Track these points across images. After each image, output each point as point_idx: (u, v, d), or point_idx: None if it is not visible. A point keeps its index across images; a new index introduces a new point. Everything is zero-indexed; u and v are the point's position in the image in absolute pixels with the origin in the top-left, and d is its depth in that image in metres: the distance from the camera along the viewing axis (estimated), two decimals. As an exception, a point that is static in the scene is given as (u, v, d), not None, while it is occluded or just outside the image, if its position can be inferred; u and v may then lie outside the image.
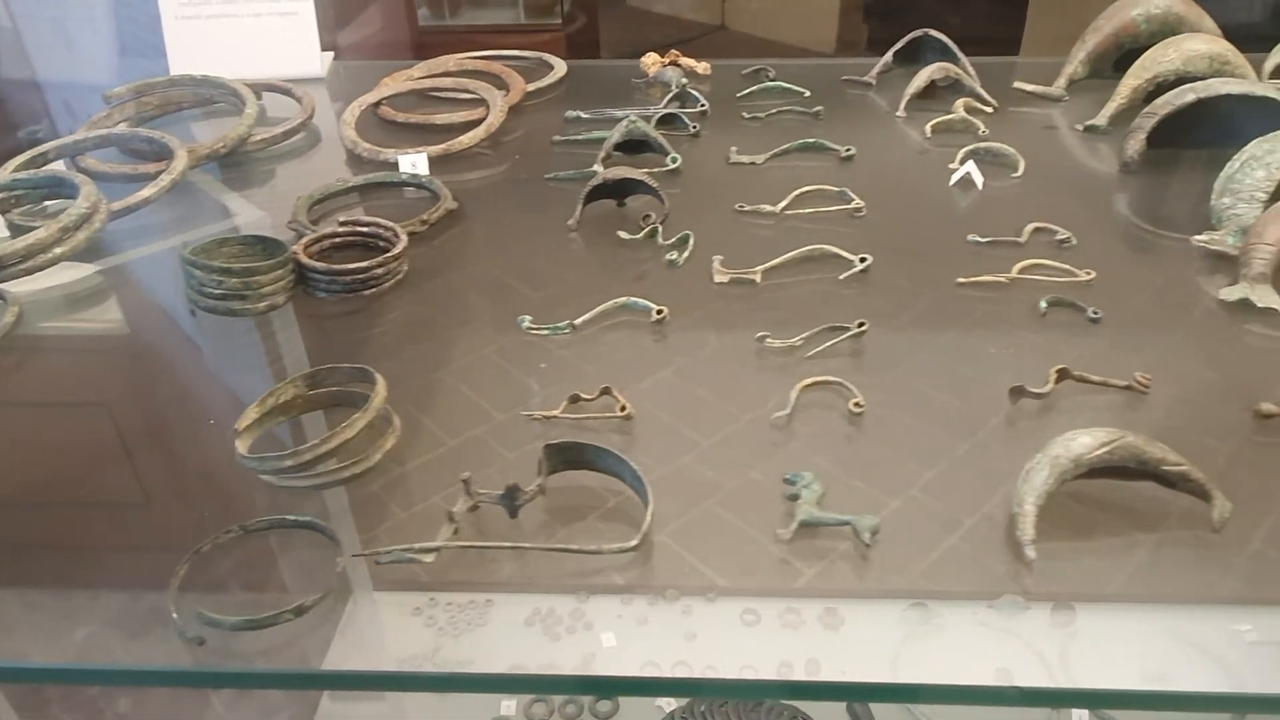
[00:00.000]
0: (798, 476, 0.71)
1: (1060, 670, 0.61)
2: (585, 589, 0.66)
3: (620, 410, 0.79)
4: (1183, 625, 0.64)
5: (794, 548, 0.69)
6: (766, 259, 1.02)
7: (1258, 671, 0.62)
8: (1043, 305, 0.93)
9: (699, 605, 0.65)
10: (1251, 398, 0.81)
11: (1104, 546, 0.68)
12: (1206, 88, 1.18)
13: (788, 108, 1.42)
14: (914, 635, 0.64)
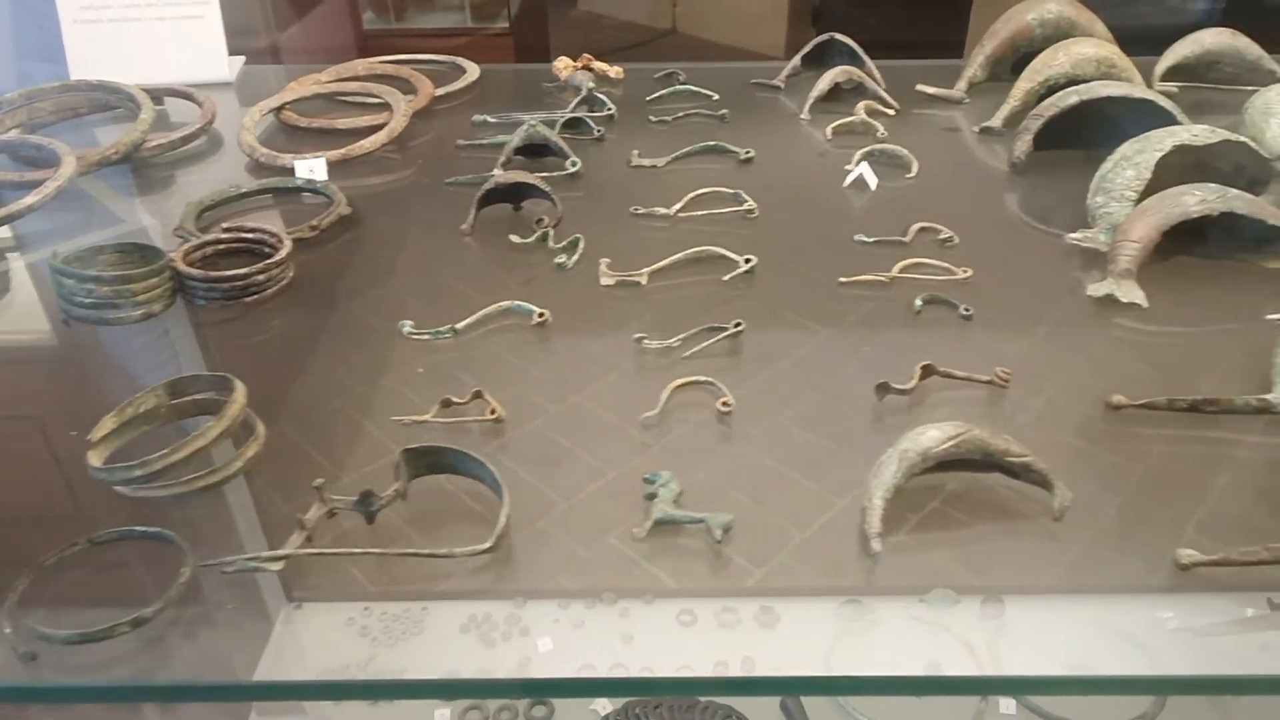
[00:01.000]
0: (656, 476, 0.72)
1: (988, 660, 0.63)
2: (522, 594, 0.66)
3: (490, 414, 0.79)
4: (1108, 615, 0.66)
5: (650, 545, 0.69)
6: (659, 261, 1.03)
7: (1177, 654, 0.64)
8: (917, 303, 0.95)
9: (637, 608, 0.66)
10: (1113, 390, 0.83)
11: (952, 538, 0.70)
12: (1089, 90, 1.22)
13: (694, 111, 1.44)
14: (848, 631, 0.65)
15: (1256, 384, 0.84)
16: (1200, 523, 0.71)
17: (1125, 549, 0.69)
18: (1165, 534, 0.70)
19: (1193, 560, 0.64)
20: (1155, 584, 0.66)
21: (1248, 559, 0.63)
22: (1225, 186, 0.99)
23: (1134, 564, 0.68)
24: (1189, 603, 0.66)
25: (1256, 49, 1.50)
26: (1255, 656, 0.64)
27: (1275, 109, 1.24)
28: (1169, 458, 0.78)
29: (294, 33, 2.71)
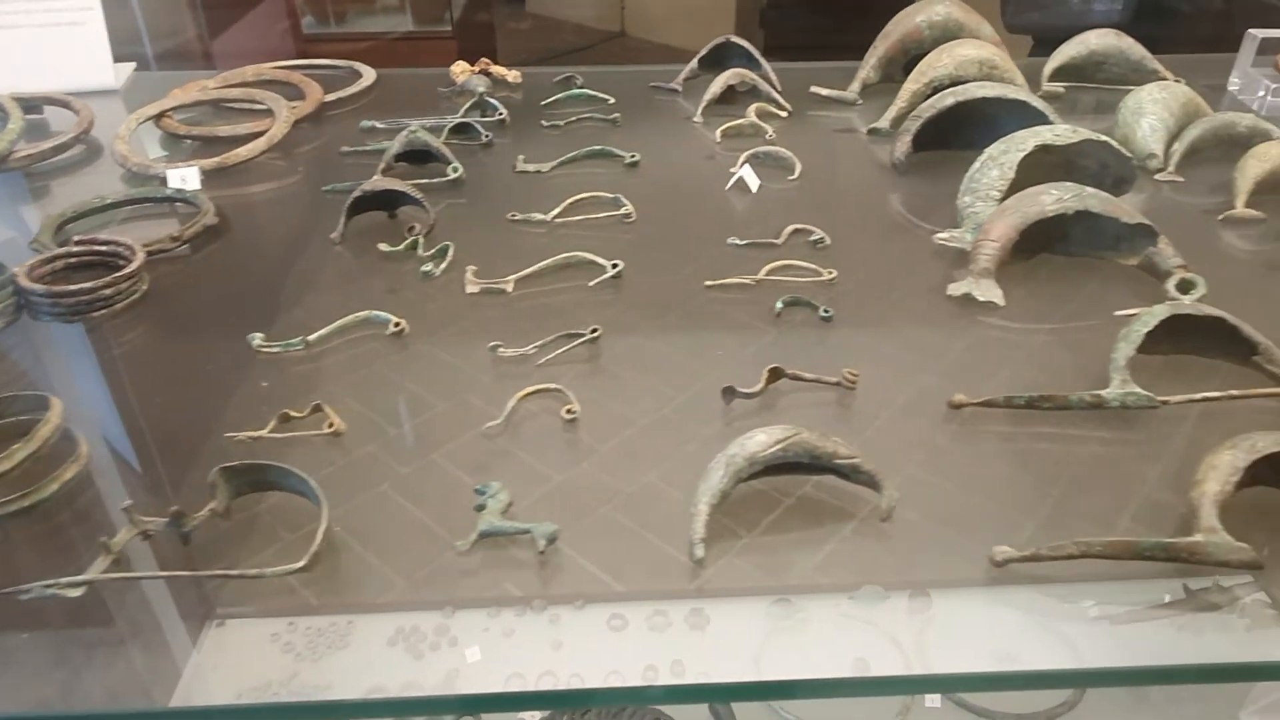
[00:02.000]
0: (486, 487, 0.71)
1: (915, 655, 0.63)
2: (451, 604, 0.65)
3: (329, 427, 0.78)
4: (1038, 603, 0.66)
5: (481, 555, 0.68)
6: (530, 267, 1.02)
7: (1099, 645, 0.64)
8: (778, 306, 0.95)
9: (567, 614, 0.65)
10: (964, 388, 0.84)
11: (783, 541, 0.70)
12: (965, 91, 1.23)
13: (588, 115, 1.43)
14: (777, 631, 0.64)
15: (1104, 379, 0.85)
16: (1030, 517, 0.72)
17: (953, 545, 0.70)
18: (995, 528, 0.71)
19: (1006, 557, 0.65)
20: (976, 579, 0.67)
21: (1057, 554, 0.64)
22: (1082, 186, 1.00)
23: (955, 560, 0.68)
24: (1109, 591, 0.67)
25: (1140, 49, 1.54)
26: (1177, 643, 0.65)
27: (1145, 109, 1.27)
28: (1005, 454, 0.79)
29: (228, 38, 2.65)
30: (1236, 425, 0.80)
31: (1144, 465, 0.77)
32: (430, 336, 0.93)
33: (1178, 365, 0.88)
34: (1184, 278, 0.95)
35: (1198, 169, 1.25)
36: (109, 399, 0.84)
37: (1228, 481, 0.67)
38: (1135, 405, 0.80)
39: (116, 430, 0.81)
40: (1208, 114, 1.29)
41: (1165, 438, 0.80)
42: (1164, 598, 0.67)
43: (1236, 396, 0.80)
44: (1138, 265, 1.01)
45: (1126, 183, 1.14)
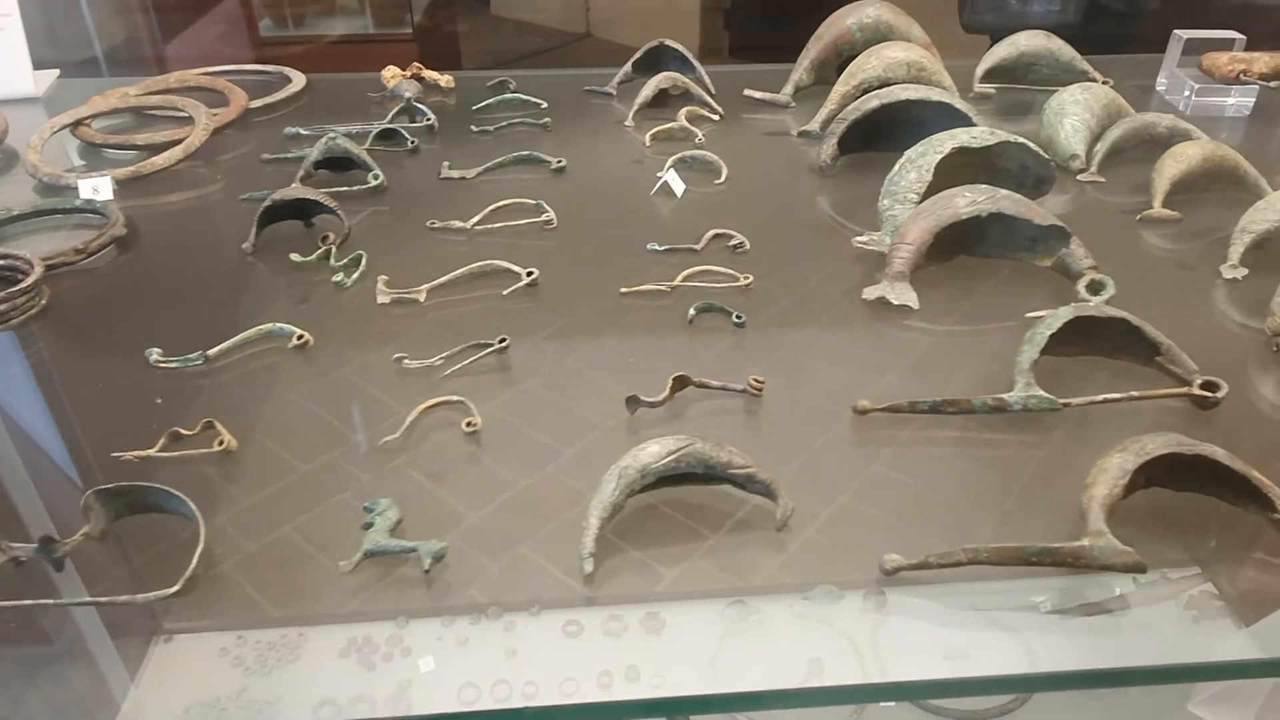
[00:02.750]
0: (374, 504, 0.69)
1: (869, 654, 0.62)
2: (404, 614, 0.64)
3: (219, 444, 0.76)
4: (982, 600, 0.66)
5: (373, 571, 0.67)
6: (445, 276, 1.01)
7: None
8: (691, 312, 0.95)
9: (522, 620, 0.64)
10: (874, 393, 0.84)
11: (678, 551, 0.69)
12: (889, 94, 1.23)
13: (519, 120, 1.42)
14: (733, 633, 0.64)
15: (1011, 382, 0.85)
16: (932, 521, 0.72)
17: (853, 550, 0.69)
18: (897, 533, 0.70)
19: (895, 565, 0.64)
20: (870, 583, 0.66)
21: (945, 561, 0.64)
22: (995, 188, 1.01)
23: (855, 566, 0.68)
24: (1058, 586, 0.67)
25: (1070, 51, 1.55)
26: (1128, 641, 0.65)
27: (1068, 110, 1.28)
28: (908, 459, 0.78)
29: (183, 42, 2.60)
30: (1139, 426, 0.80)
31: (1046, 468, 0.77)
32: (336, 349, 0.91)
33: (1086, 366, 0.88)
34: (1093, 279, 0.96)
35: (1120, 169, 1.26)
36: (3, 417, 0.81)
37: (1115, 485, 0.67)
38: (1037, 408, 0.80)
39: (3, 452, 0.78)
40: (1129, 114, 1.30)
41: (1068, 440, 0.80)
42: (1115, 591, 0.67)
43: (1137, 398, 0.81)
44: (1051, 266, 1.02)
45: (1046, 183, 1.15)
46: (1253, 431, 0.82)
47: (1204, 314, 0.98)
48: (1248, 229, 1.02)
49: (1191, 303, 1.00)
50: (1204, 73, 1.48)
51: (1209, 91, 1.47)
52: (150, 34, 2.62)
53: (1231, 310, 0.99)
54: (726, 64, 1.60)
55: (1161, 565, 0.67)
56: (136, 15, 2.60)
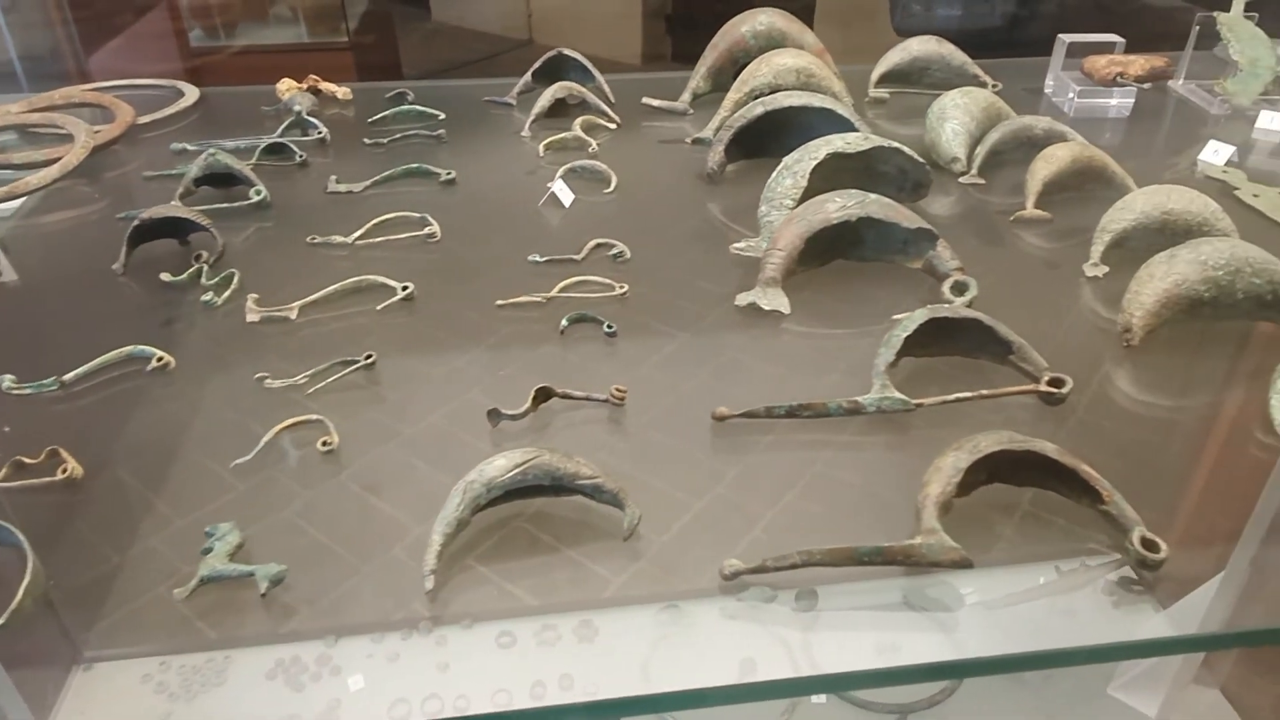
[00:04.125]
0: (215, 529, 0.68)
1: (801, 653, 0.63)
2: (333, 633, 0.63)
3: (63, 473, 0.74)
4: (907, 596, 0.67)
5: (209, 597, 0.66)
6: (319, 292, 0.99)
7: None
8: (563, 323, 0.95)
9: (455, 634, 0.64)
10: (744, 398, 0.85)
11: (524, 565, 0.69)
12: (774, 101, 1.25)
13: (413, 132, 1.41)
14: (665, 637, 0.64)
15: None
16: (786, 524, 0.73)
17: (706, 556, 0.70)
18: (751, 538, 0.71)
19: (735, 570, 0.65)
20: (728, 589, 0.67)
21: (781, 564, 0.65)
22: (865, 192, 1.03)
23: (705, 574, 0.69)
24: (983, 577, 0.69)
25: (961, 55, 1.59)
26: (1052, 625, 0.67)
27: (948, 114, 1.32)
28: (765, 464, 0.79)
29: (108, 55, 2.53)
30: (994, 424, 0.83)
31: (900, 467, 0.79)
32: (200, 370, 0.90)
33: (948, 366, 0.90)
34: (957, 280, 0.99)
35: (1000, 171, 1.30)
36: None
37: (949, 483, 0.68)
38: (891, 409, 0.82)
39: None
40: (1009, 117, 1.34)
41: (923, 440, 0.82)
42: (1039, 580, 0.69)
43: (986, 396, 0.83)
44: (921, 268, 1.04)
45: (924, 186, 1.18)
46: (1104, 424, 0.85)
47: (1067, 311, 1.02)
48: (1107, 228, 1.06)
49: (1056, 301, 1.03)
50: (1085, 75, 1.53)
51: (1090, 93, 1.52)
52: (72, 46, 2.55)
53: (1092, 307, 1.02)
54: (669, 70, 1.62)
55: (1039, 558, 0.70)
56: (58, 28, 2.53)
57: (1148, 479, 0.79)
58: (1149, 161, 1.41)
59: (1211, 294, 0.90)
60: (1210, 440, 0.84)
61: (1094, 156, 1.19)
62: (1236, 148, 1.33)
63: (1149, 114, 1.55)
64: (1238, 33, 1.51)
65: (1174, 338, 0.93)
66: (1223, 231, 1.02)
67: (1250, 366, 0.88)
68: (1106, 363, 0.93)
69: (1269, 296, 0.90)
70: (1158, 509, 0.74)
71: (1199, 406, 0.88)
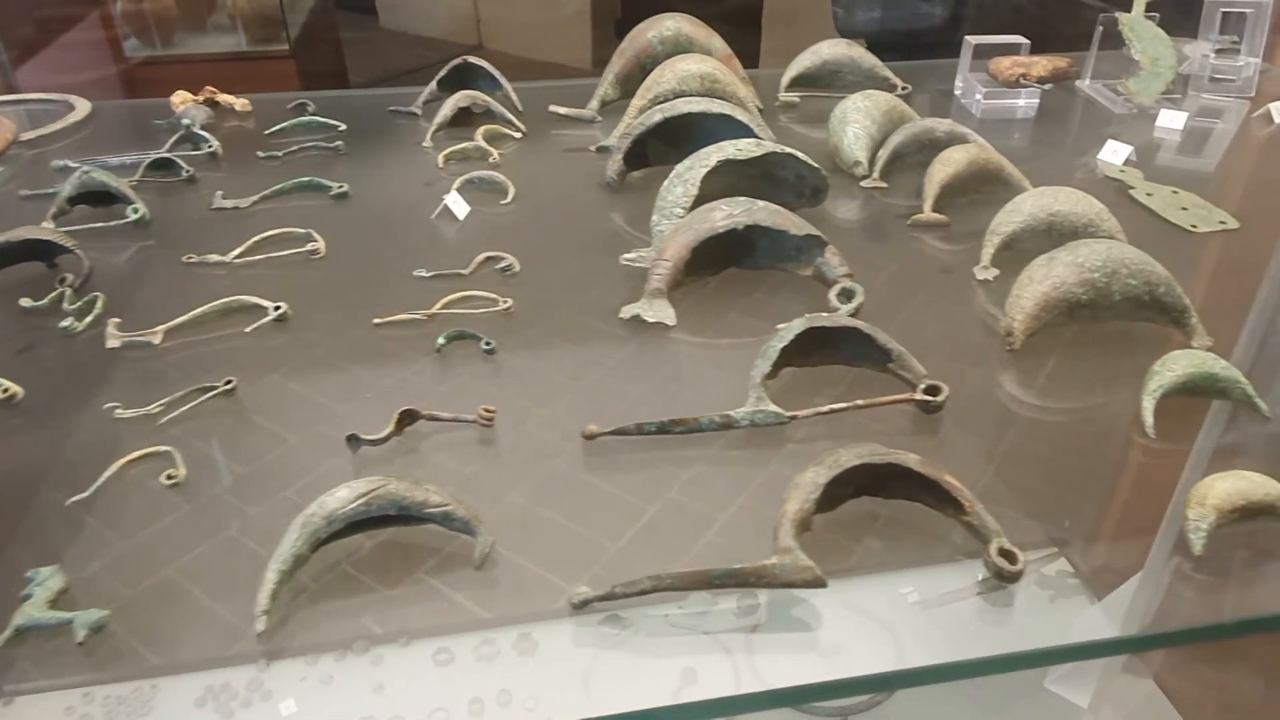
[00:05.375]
0: (36, 574, 0.65)
1: (743, 659, 0.62)
2: (265, 657, 0.62)
3: (-119, 517, 0.70)
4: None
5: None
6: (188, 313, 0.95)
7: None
8: (440, 340, 0.92)
9: (391, 653, 0.63)
10: (623, 414, 0.83)
11: (373, 599, 0.66)
12: (672, 108, 1.24)
13: (311, 144, 1.37)
14: (605, 649, 0.63)
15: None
16: (647, 545, 0.71)
17: (561, 581, 0.67)
18: (615, 560, 0.69)
19: (583, 598, 0.63)
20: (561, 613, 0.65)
21: (630, 590, 0.63)
22: (753, 199, 1.01)
23: (554, 597, 0.66)
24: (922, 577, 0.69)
25: (872, 59, 1.59)
26: (992, 628, 0.66)
27: (850, 118, 1.31)
28: (634, 483, 0.77)
29: (37, 67, 2.45)
30: (873, 434, 0.82)
31: (774, 483, 0.77)
32: (50, 401, 0.85)
33: (832, 375, 0.89)
34: (844, 287, 0.98)
35: (904, 174, 1.29)
36: None
37: (807, 500, 0.67)
38: (764, 423, 0.80)
39: None
40: (911, 120, 1.33)
41: (800, 454, 0.80)
42: (977, 577, 0.68)
43: (861, 406, 0.82)
44: (812, 275, 1.03)
45: (822, 192, 1.17)
46: (988, 428, 0.84)
47: (958, 315, 1.01)
48: (996, 231, 1.05)
49: (949, 304, 1.03)
50: (991, 77, 1.54)
51: (996, 95, 1.52)
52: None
53: (984, 310, 1.01)
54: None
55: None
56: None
57: (1028, 482, 0.78)
58: (1053, 162, 1.42)
59: (1089, 296, 0.89)
60: (1088, 442, 0.84)
61: (990, 159, 1.19)
62: (1134, 147, 1.34)
63: (1056, 114, 1.56)
64: (1139, 32, 1.53)
65: (1055, 340, 0.93)
66: (1108, 232, 1.03)
67: (1128, 368, 0.88)
68: (992, 367, 0.92)
69: (1146, 297, 0.90)
70: (1040, 511, 0.74)
71: (1079, 409, 0.88)
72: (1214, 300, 1.02)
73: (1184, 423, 0.84)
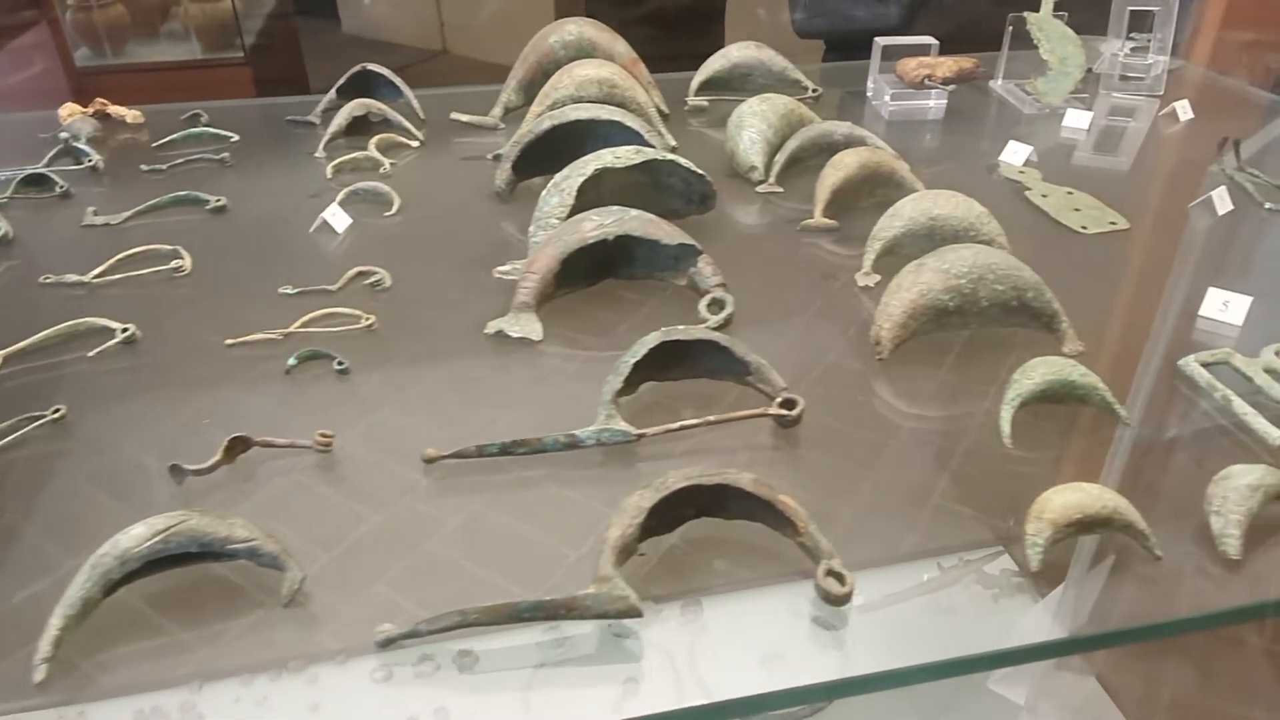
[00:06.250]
0: None
1: (686, 667, 0.61)
2: (198, 677, 0.60)
3: None
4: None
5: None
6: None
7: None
8: (291, 361, 0.89)
9: (327, 671, 0.61)
10: (476, 434, 0.79)
11: (165, 644, 0.63)
12: (561, 115, 1.21)
13: (197, 156, 1.33)
14: (546, 663, 0.61)
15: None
16: (471, 575, 0.68)
17: (389, 613, 0.64)
18: (429, 592, 0.66)
19: (387, 636, 0.60)
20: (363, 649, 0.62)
21: (435, 627, 0.60)
22: (625, 209, 0.99)
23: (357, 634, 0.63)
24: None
25: (782, 61, 1.57)
26: (937, 630, 0.65)
27: (745, 122, 1.29)
28: (473, 510, 0.74)
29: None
30: (733, 449, 0.80)
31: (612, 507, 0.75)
32: None
33: (692, 390, 0.86)
34: (715, 297, 0.95)
35: (802, 178, 1.27)
36: None
37: (630, 525, 0.64)
38: (612, 442, 0.78)
39: None
40: (812, 122, 1.31)
41: (652, 474, 0.77)
42: (923, 577, 0.67)
43: (714, 422, 0.79)
44: (686, 285, 1.01)
45: (710, 198, 1.15)
46: (849, 441, 0.82)
47: (836, 323, 0.98)
48: (878, 236, 1.04)
49: (830, 312, 1.00)
50: (898, 78, 1.52)
51: (904, 96, 1.51)
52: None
53: (866, 317, 0.99)
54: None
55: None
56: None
57: (891, 492, 0.76)
58: (962, 163, 1.41)
59: (956, 302, 0.88)
60: (953, 452, 0.82)
61: (882, 162, 1.18)
62: (1034, 148, 1.33)
63: (968, 114, 1.55)
64: (1047, 32, 1.52)
65: (924, 348, 0.91)
66: (989, 235, 1.01)
67: (1000, 375, 0.86)
68: (864, 376, 0.90)
69: (1014, 303, 0.89)
70: (903, 522, 0.73)
71: (948, 417, 0.85)
72: (1094, 303, 1.01)
73: (1053, 430, 0.82)
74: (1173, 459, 0.81)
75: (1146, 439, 0.82)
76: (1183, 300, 1.00)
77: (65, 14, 2.71)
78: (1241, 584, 0.67)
